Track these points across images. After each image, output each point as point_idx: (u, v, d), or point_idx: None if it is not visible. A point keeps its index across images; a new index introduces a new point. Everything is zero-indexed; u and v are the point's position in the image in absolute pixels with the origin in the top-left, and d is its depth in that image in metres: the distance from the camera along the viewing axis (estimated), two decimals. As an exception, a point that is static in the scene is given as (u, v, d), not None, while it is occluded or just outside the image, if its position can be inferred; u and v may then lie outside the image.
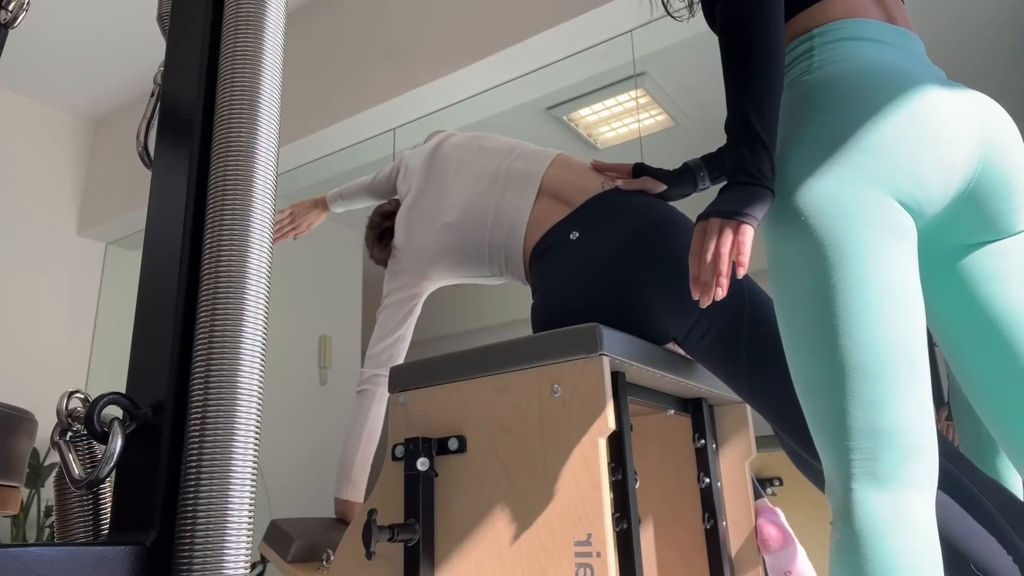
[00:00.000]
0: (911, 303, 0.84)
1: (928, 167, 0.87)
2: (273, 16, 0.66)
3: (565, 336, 1.09)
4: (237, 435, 0.55)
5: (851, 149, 0.87)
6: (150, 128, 0.76)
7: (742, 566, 1.41)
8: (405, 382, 1.25)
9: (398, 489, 1.19)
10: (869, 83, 0.90)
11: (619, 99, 3.09)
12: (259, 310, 0.58)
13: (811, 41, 0.98)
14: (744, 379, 1.22)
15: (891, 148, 0.86)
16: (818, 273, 0.85)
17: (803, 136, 0.90)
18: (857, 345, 0.82)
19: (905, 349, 0.82)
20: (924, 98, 0.89)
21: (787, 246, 0.89)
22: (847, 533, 0.79)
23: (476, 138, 1.63)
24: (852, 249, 0.84)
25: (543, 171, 1.47)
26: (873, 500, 0.78)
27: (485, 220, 1.47)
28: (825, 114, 0.90)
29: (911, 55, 0.97)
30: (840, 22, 0.98)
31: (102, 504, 0.63)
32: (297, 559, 1.43)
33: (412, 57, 2.92)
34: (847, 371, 0.82)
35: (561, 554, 1.01)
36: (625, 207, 1.35)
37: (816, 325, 0.85)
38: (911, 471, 0.80)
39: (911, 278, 0.85)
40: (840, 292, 0.84)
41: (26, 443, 1.20)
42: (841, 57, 0.94)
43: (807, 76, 0.96)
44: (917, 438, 0.81)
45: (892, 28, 0.98)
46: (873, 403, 0.81)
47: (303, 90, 3.31)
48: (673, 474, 1.47)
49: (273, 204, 0.63)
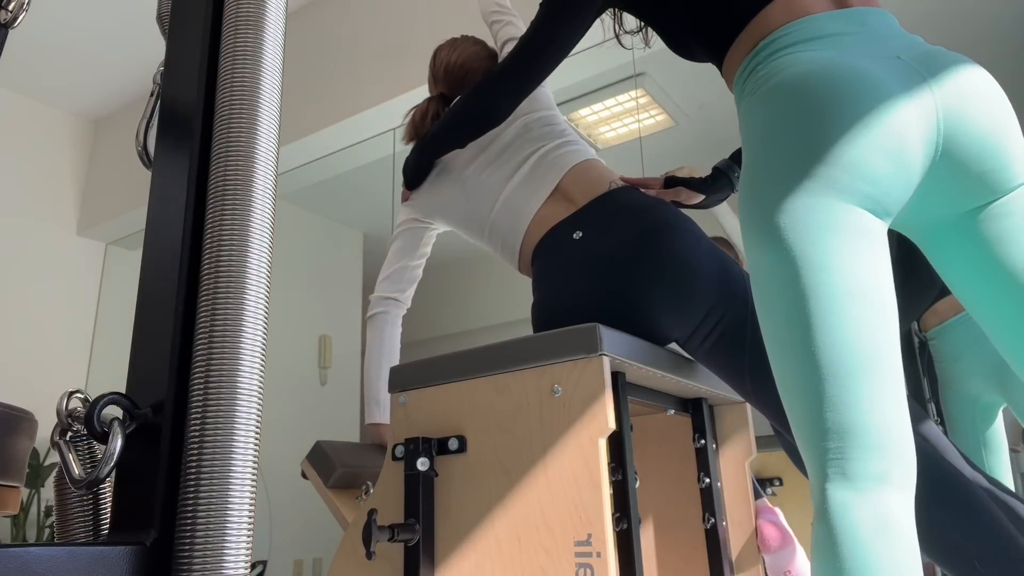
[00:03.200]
0: (876, 304, 0.85)
1: (877, 163, 0.87)
2: (273, 16, 0.66)
3: (565, 336, 1.09)
4: (237, 435, 0.55)
5: (801, 161, 0.89)
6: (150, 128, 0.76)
7: (742, 566, 1.41)
8: (405, 382, 1.25)
9: (398, 489, 1.19)
10: (810, 92, 0.90)
11: (619, 99, 3.09)
12: (259, 310, 0.58)
13: (756, 58, 0.99)
14: (747, 380, 1.22)
15: (836, 155, 0.87)
16: (785, 281, 0.88)
17: (763, 153, 0.93)
18: (822, 348, 0.84)
19: (871, 349, 0.83)
20: (865, 91, 0.88)
21: (759, 258, 0.92)
22: (821, 531, 0.81)
23: (532, 105, 1.58)
24: (813, 256, 0.86)
25: (565, 170, 1.45)
26: (844, 498, 0.80)
27: (493, 201, 1.46)
28: (772, 131, 0.92)
29: (864, 37, 0.94)
30: (779, 30, 0.97)
31: (102, 504, 0.63)
32: (337, 486, 1.44)
33: (412, 57, 2.92)
34: (815, 374, 0.84)
35: (561, 554, 1.01)
36: (629, 208, 1.34)
37: (787, 331, 0.88)
38: (881, 468, 0.81)
39: (877, 279, 0.86)
40: (805, 298, 0.86)
41: (26, 443, 1.20)
42: (780, 69, 0.94)
43: (755, 93, 0.97)
44: (886, 436, 0.82)
45: (839, 14, 0.96)
46: (840, 404, 0.83)
47: (303, 90, 3.31)
48: (673, 474, 1.47)
49: (273, 204, 0.63)
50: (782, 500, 2.29)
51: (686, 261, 1.24)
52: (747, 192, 0.94)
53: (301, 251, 4.20)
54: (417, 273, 1.65)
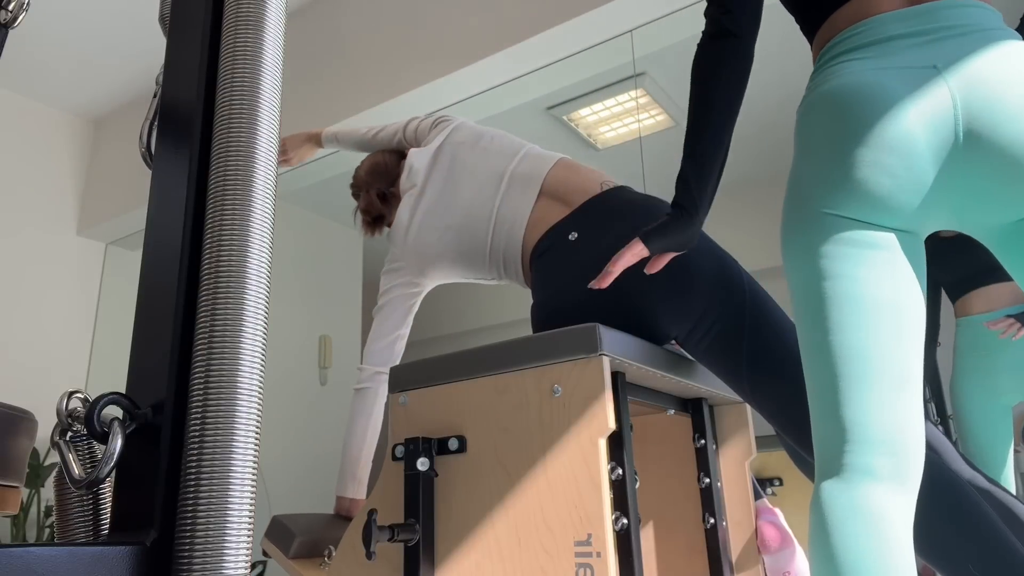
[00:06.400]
0: (889, 312, 0.89)
1: (878, 181, 0.89)
2: (273, 16, 0.66)
3: (565, 336, 1.09)
4: (237, 435, 0.55)
5: (816, 179, 0.95)
6: (152, 129, 0.76)
7: (742, 566, 1.41)
8: (405, 382, 1.25)
9: (398, 489, 1.19)
10: (830, 112, 0.94)
11: (619, 99, 3.09)
12: (259, 310, 0.58)
13: (824, 57, 1.01)
14: (744, 379, 1.22)
15: (842, 175, 0.92)
16: (806, 289, 0.95)
17: (794, 167, 1.00)
18: (834, 352, 0.90)
19: (881, 355, 0.88)
20: (872, 111, 0.90)
21: (787, 264, 0.99)
22: (812, 520, 0.86)
23: (480, 137, 1.63)
24: (828, 267, 0.92)
25: (545, 173, 1.47)
26: (832, 491, 0.85)
27: (488, 224, 1.47)
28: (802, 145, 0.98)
29: (919, 40, 0.92)
30: (847, 31, 0.98)
31: (102, 504, 0.63)
32: (299, 555, 1.43)
33: (411, 57, 2.92)
34: (827, 375, 0.90)
35: (561, 554, 1.01)
36: (624, 207, 1.34)
37: (803, 335, 0.95)
38: (876, 464, 0.84)
39: (893, 289, 0.90)
40: (822, 305, 0.92)
41: (26, 443, 1.20)
42: (824, 80, 0.97)
43: (807, 97, 1.00)
44: (880, 433, 0.85)
45: (909, 13, 0.94)
46: (839, 403, 0.88)
47: (303, 90, 3.31)
48: (673, 474, 1.47)
49: (273, 204, 0.63)
50: (782, 500, 2.29)
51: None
52: (785, 200, 1.01)
53: (301, 251, 4.20)
54: (403, 343, 1.63)
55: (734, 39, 1.06)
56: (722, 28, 1.06)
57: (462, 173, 1.57)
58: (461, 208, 1.51)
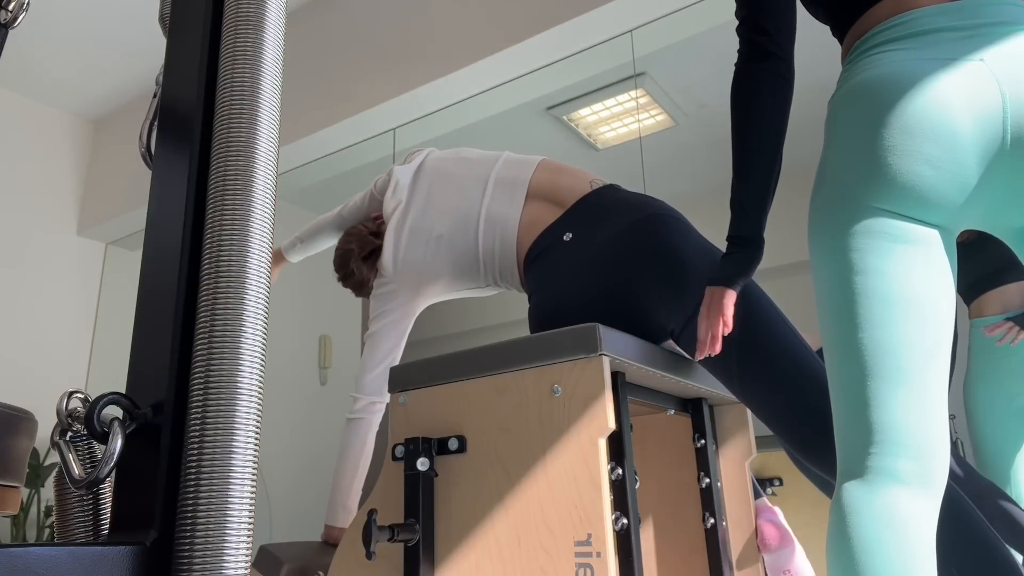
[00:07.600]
0: (921, 310, 0.85)
1: (920, 172, 0.86)
2: (273, 16, 0.66)
3: (565, 336, 1.09)
4: (237, 435, 0.55)
5: (851, 171, 0.91)
6: (152, 129, 0.76)
7: (742, 566, 1.41)
8: (405, 382, 1.25)
9: (398, 489, 1.19)
10: (866, 101, 0.90)
11: (619, 99, 3.09)
12: (259, 310, 0.58)
13: (858, 49, 0.98)
14: (735, 377, 1.23)
15: (879, 167, 0.88)
16: (834, 283, 0.91)
17: (826, 158, 0.96)
18: (863, 349, 0.87)
19: (911, 354, 0.84)
20: (914, 102, 0.86)
21: (815, 258, 0.96)
22: (832, 522, 0.84)
23: (457, 152, 1.64)
24: (859, 262, 0.89)
25: (529, 176, 1.48)
26: (856, 493, 0.83)
27: (476, 226, 1.47)
28: (835, 136, 0.94)
29: (963, 34, 0.89)
30: (885, 23, 0.95)
31: (102, 504, 0.63)
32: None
33: (412, 57, 2.92)
34: (854, 372, 0.87)
35: (561, 554, 1.01)
36: (616, 205, 1.35)
37: (835, 330, 0.91)
38: (898, 467, 0.82)
39: (927, 285, 0.86)
40: (851, 301, 0.89)
41: (26, 443, 1.20)
42: (860, 70, 0.93)
43: (840, 88, 0.96)
44: (908, 436, 0.83)
45: (952, 7, 0.91)
46: (866, 402, 0.85)
47: (303, 90, 3.31)
48: (673, 474, 1.47)
49: (273, 204, 0.63)
50: (782, 500, 2.29)
51: (675, 249, 1.25)
52: (813, 194, 0.97)
53: (301, 251, 4.20)
54: (398, 360, 1.60)
55: (776, 60, 1.04)
56: (763, 51, 1.04)
57: (445, 182, 1.57)
58: (448, 215, 1.51)
